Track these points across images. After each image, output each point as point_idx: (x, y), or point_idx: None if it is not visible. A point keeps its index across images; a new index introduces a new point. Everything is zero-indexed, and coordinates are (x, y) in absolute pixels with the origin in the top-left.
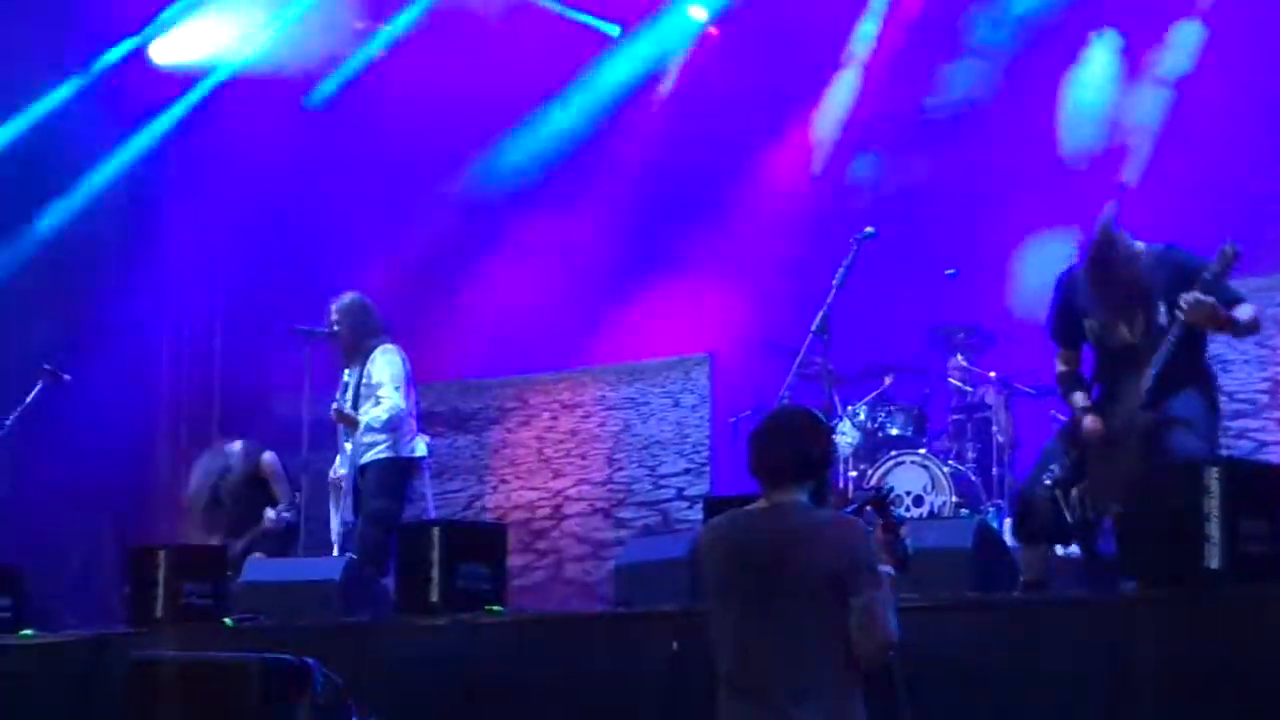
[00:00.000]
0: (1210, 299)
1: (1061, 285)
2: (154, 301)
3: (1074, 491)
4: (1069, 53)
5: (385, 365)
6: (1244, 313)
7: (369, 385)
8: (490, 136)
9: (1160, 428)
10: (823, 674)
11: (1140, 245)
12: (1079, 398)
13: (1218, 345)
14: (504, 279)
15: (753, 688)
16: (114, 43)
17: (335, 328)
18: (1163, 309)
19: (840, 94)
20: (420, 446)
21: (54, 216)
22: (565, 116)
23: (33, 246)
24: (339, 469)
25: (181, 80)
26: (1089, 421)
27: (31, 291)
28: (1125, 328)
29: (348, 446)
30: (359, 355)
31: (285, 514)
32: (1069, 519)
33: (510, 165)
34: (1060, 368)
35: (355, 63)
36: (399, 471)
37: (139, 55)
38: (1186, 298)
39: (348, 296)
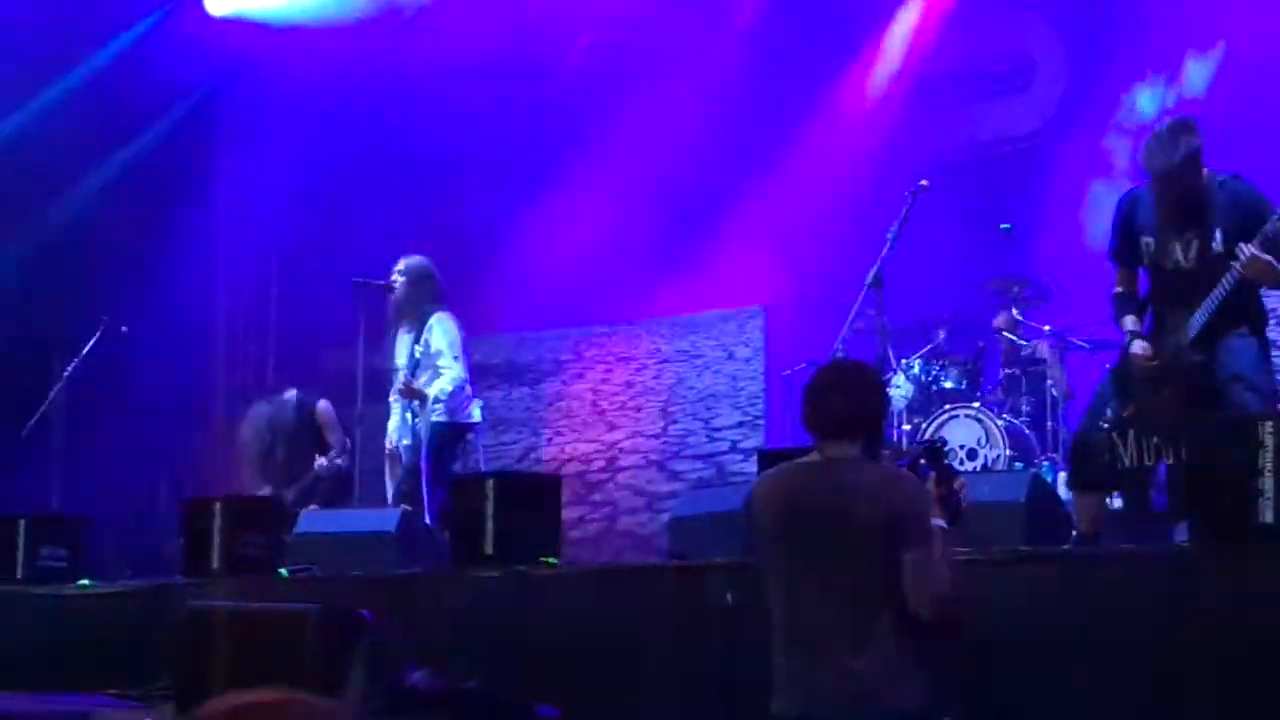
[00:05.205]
0: (1268, 258)
1: (1122, 204)
2: (210, 253)
3: (1130, 434)
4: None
5: (442, 334)
6: None
7: (427, 355)
8: (545, 86)
9: (1223, 387)
10: (878, 627)
11: (1206, 170)
12: (1129, 321)
13: (1272, 299)
14: (560, 231)
15: (809, 641)
16: None
17: (394, 284)
18: (1219, 236)
19: (897, 46)
20: (476, 412)
21: (110, 169)
22: (618, 65)
23: (91, 197)
24: (393, 437)
25: (237, 29)
26: (1137, 346)
27: (88, 244)
28: (1179, 249)
29: (408, 417)
30: (413, 319)
31: (338, 460)
32: (1125, 463)
33: (566, 115)
34: (1116, 289)
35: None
36: (452, 436)
37: (195, 4)
38: (1243, 252)
39: (415, 259)
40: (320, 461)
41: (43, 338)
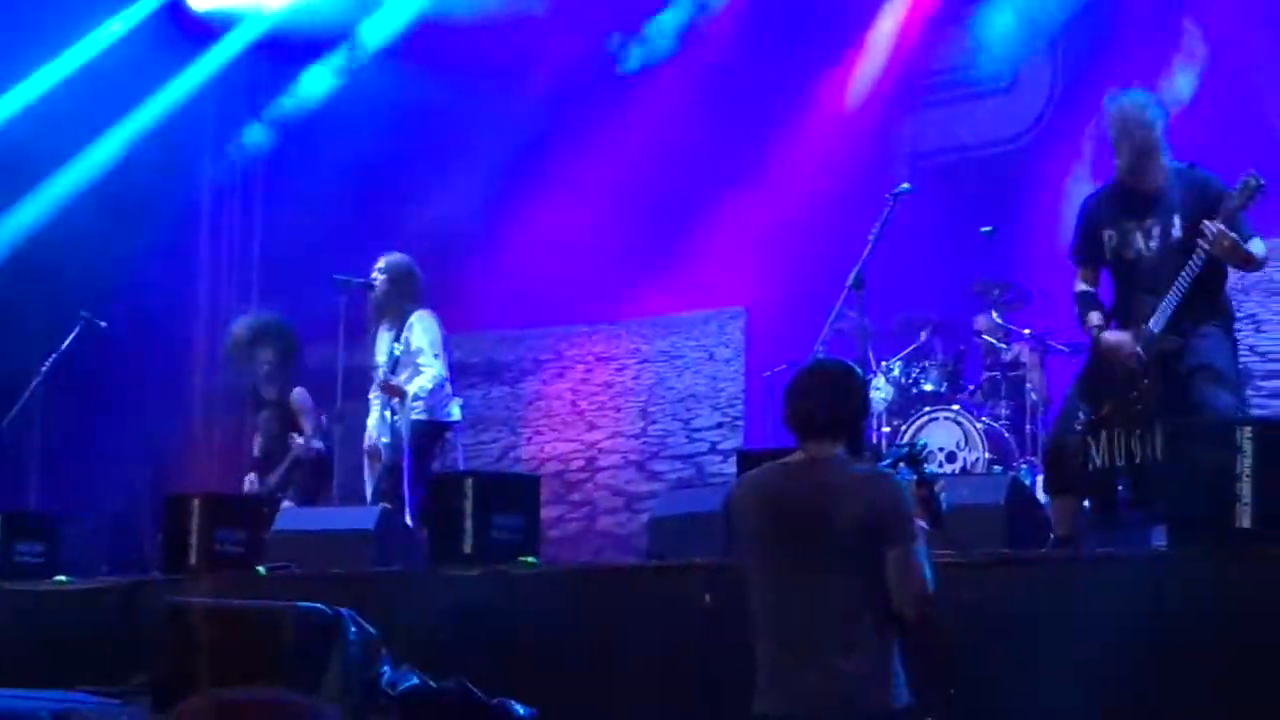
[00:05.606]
0: (1233, 234)
1: (1086, 204)
2: (190, 249)
3: (1102, 435)
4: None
5: (423, 332)
6: (1257, 248)
7: (407, 352)
8: (528, 88)
9: (1188, 376)
10: (862, 626)
11: (1165, 159)
12: (1095, 316)
13: (1251, 304)
14: (541, 231)
15: (793, 641)
16: None
17: (375, 282)
18: (1178, 222)
19: (880, 48)
20: (455, 410)
21: (90, 164)
22: (599, 66)
23: (71, 193)
24: (372, 434)
25: (221, 26)
26: (1111, 337)
27: (69, 239)
28: (1141, 238)
29: (388, 415)
30: (394, 316)
31: (315, 443)
32: (1096, 464)
33: (546, 117)
34: (1079, 287)
35: (401, 12)
36: (432, 434)
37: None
38: (1209, 228)
39: (396, 256)
40: (297, 440)
41: (21, 333)
